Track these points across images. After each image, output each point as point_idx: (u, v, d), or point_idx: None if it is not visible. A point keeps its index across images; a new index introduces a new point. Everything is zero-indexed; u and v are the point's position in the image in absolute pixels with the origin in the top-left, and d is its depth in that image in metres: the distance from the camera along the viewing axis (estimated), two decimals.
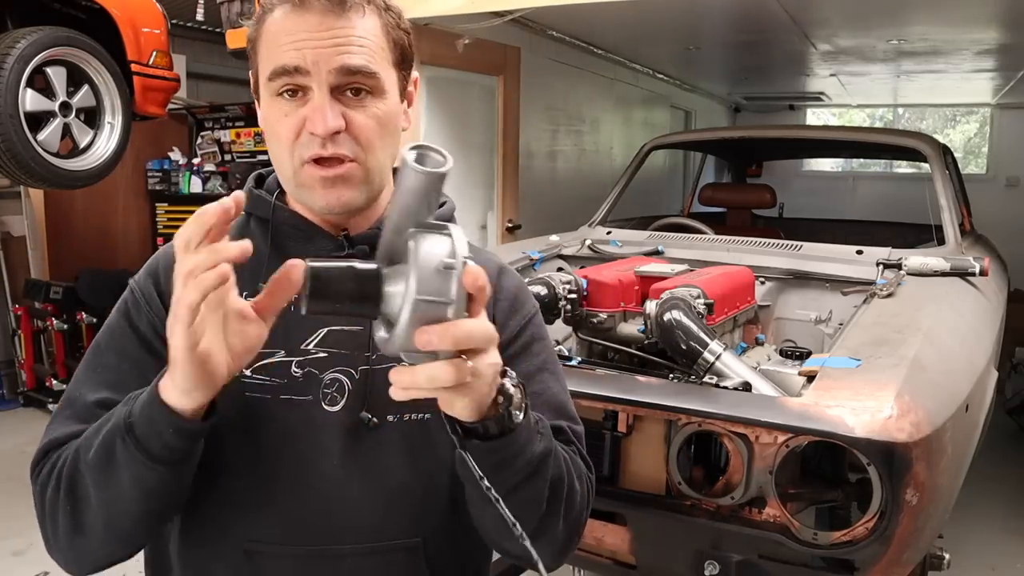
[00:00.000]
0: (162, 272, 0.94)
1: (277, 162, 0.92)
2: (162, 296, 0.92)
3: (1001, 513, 3.58)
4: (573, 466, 0.91)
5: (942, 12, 4.25)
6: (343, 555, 0.90)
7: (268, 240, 0.95)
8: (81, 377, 0.93)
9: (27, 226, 5.39)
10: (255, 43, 0.90)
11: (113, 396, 0.88)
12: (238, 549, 0.89)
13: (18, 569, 3.05)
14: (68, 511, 0.82)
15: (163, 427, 0.75)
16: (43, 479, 0.87)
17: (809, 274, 2.68)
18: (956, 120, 9.64)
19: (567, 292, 2.33)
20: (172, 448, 0.77)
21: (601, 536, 1.82)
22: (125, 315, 0.94)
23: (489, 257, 1.06)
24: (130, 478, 0.78)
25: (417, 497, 0.92)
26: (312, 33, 0.84)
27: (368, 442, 0.91)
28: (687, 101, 8.14)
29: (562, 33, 5.07)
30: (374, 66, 0.87)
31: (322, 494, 0.89)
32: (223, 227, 0.69)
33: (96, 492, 0.80)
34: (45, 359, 5.22)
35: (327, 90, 0.85)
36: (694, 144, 5.36)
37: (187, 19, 4.98)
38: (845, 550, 1.57)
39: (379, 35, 0.88)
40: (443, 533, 0.93)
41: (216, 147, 5.89)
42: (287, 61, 0.84)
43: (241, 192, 0.73)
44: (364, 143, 0.88)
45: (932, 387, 1.69)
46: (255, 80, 0.92)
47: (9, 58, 3.00)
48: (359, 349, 0.92)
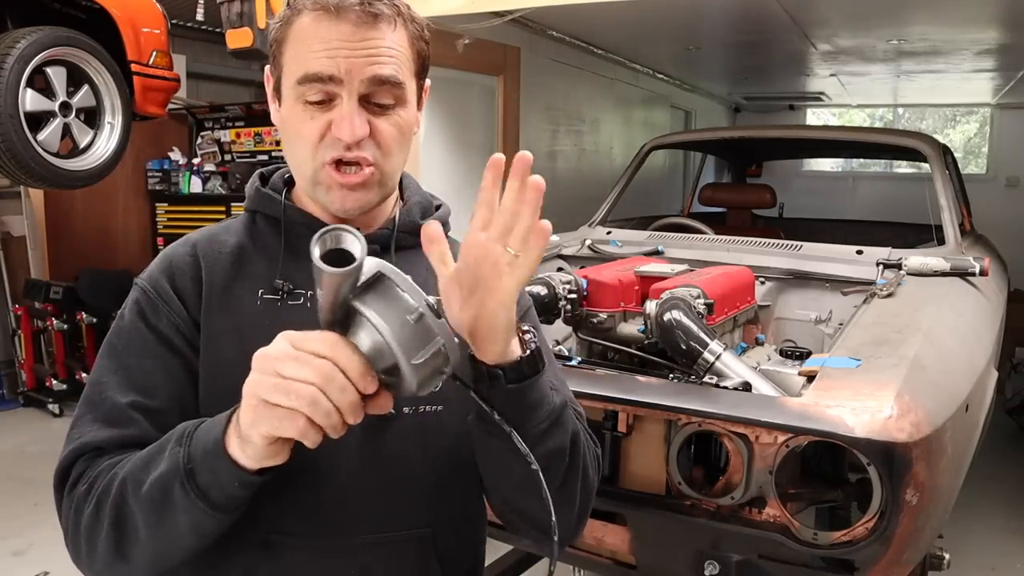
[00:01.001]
0: (177, 271, 0.95)
1: (297, 161, 0.93)
2: (180, 295, 0.93)
3: (1001, 513, 3.58)
4: (584, 431, 0.94)
5: (942, 12, 4.25)
6: (359, 545, 0.92)
7: (281, 238, 0.97)
8: (103, 379, 0.91)
9: (27, 226, 5.39)
10: (281, 44, 0.91)
11: (142, 399, 0.89)
12: (255, 541, 0.90)
13: (18, 569, 3.05)
14: (112, 540, 0.82)
15: (227, 480, 0.77)
16: (79, 498, 0.85)
17: (809, 274, 2.67)
18: (956, 120, 9.64)
19: (567, 292, 2.33)
20: (234, 497, 0.78)
21: (601, 536, 1.82)
22: (141, 316, 0.93)
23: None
24: (188, 522, 0.79)
25: (429, 488, 0.95)
26: (345, 42, 0.86)
27: (384, 434, 0.93)
28: (687, 101, 8.14)
29: (562, 33, 5.07)
30: (401, 77, 0.90)
31: (339, 486, 0.91)
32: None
33: (147, 529, 0.81)
34: (45, 359, 5.22)
35: (356, 98, 0.88)
36: (694, 144, 5.36)
37: (187, 19, 4.98)
38: (845, 550, 1.57)
39: (406, 47, 0.91)
40: (450, 522, 0.96)
41: (216, 147, 5.89)
42: (321, 69, 0.87)
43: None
44: (385, 149, 0.91)
45: (932, 387, 1.69)
46: (276, 79, 0.93)
47: (9, 58, 3.00)
48: None
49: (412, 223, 1.01)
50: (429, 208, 1.07)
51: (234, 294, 0.93)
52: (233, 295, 0.93)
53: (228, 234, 0.99)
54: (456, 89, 4.55)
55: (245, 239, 0.99)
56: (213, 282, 0.94)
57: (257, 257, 0.97)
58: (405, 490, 0.94)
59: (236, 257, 0.96)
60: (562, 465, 0.87)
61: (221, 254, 0.96)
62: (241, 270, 0.96)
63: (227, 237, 0.99)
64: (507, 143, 5.03)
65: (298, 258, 0.95)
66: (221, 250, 0.97)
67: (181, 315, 0.92)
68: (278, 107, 0.95)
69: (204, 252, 0.96)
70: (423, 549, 0.95)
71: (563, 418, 0.86)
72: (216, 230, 1.01)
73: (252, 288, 0.94)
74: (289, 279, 0.94)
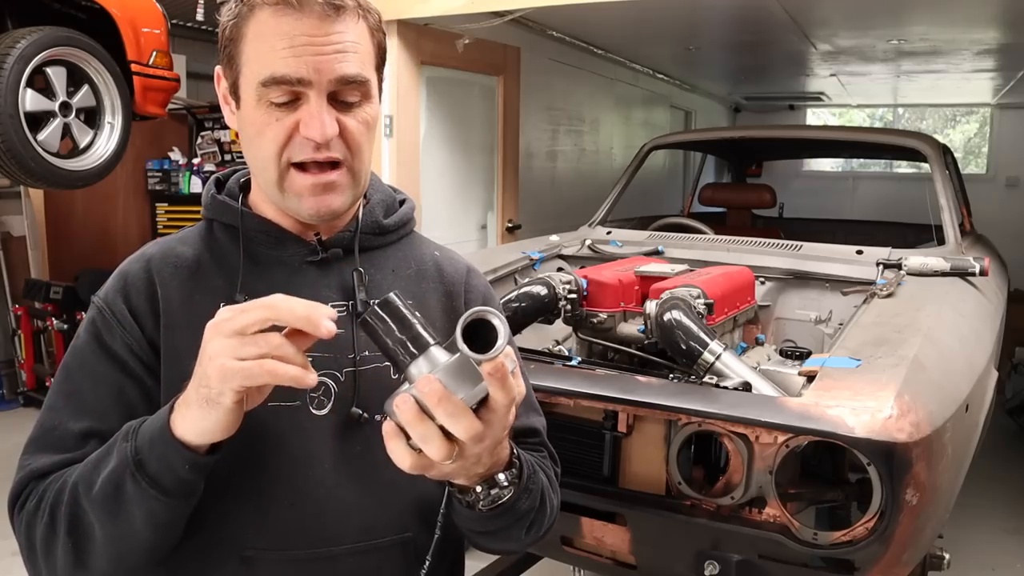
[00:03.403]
0: (132, 289, 0.91)
1: (260, 166, 0.89)
2: (135, 314, 0.90)
3: (1001, 513, 3.58)
4: (548, 483, 0.96)
5: (942, 12, 4.25)
6: (339, 555, 0.90)
7: (240, 247, 0.93)
8: (56, 404, 0.89)
9: (27, 226, 5.39)
10: (236, 42, 0.86)
11: (95, 425, 0.87)
12: (235, 556, 0.88)
13: (18, 569, 3.03)
14: (69, 547, 0.81)
15: (177, 463, 0.77)
16: (28, 514, 0.84)
17: (809, 274, 2.67)
18: (956, 120, 9.64)
19: (567, 292, 2.33)
20: (185, 481, 0.78)
21: (601, 536, 1.82)
22: (95, 337, 0.90)
23: (457, 258, 1.08)
24: (142, 513, 0.79)
25: (407, 494, 0.93)
26: (310, 38, 0.82)
27: (357, 444, 0.92)
28: (687, 101, 8.15)
29: (562, 33, 5.07)
30: (367, 73, 0.87)
31: (316, 498, 0.90)
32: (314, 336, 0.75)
33: (103, 529, 0.80)
34: (45, 359, 5.22)
35: (324, 97, 0.84)
36: (694, 144, 5.36)
37: (187, 19, 4.98)
38: (845, 550, 1.57)
39: (367, 40, 0.88)
40: (429, 525, 0.94)
41: (216, 147, 5.89)
42: (289, 71, 0.82)
43: (334, 313, 0.76)
44: (354, 147, 0.88)
45: (932, 387, 1.69)
46: (232, 79, 0.88)
47: (9, 58, 3.00)
48: (343, 351, 0.92)
49: (375, 223, 0.99)
50: (393, 205, 1.04)
51: (194, 310, 0.89)
52: (193, 311, 0.89)
53: (184, 245, 0.95)
54: (456, 89, 4.55)
55: (202, 250, 0.95)
56: (170, 297, 0.91)
57: (216, 269, 0.93)
58: (382, 498, 0.92)
59: (193, 271, 0.93)
60: (513, 544, 0.94)
61: (178, 268, 0.93)
62: (199, 284, 0.92)
63: (183, 249, 0.95)
64: (507, 143, 5.04)
65: (258, 267, 0.93)
66: (177, 263, 0.93)
67: (135, 335, 0.89)
68: (234, 109, 0.90)
69: (158, 268, 0.92)
70: (405, 553, 0.94)
71: (523, 519, 0.89)
72: (171, 242, 0.97)
73: (213, 302, 0.88)
74: (249, 291, 0.89)
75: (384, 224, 1.01)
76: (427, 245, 1.07)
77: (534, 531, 0.93)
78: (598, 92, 6.25)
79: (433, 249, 1.07)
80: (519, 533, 0.90)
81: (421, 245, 1.06)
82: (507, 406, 0.73)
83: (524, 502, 0.86)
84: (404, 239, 1.04)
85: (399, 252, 1.02)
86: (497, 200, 5.05)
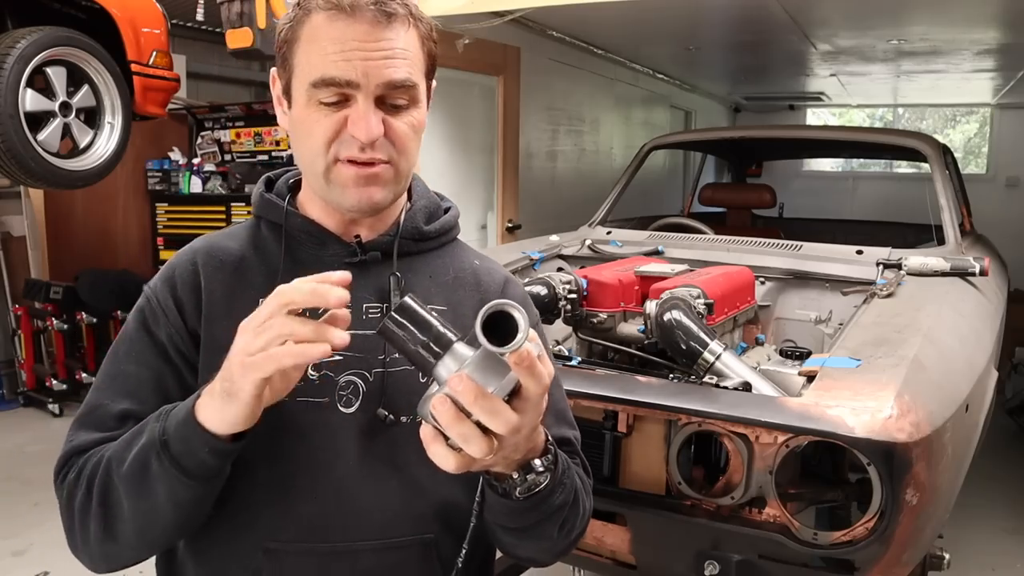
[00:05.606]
0: (179, 281, 0.95)
1: (308, 159, 0.92)
2: (180, 306, 0.94)
3: (1001, 513, 3.58)
4: (582, 486, 0.96)
5: (942, 12, 4.25)
6: (360, 551, 0.92)
7: (282, 245, 0.97)
8: (102, 385, 0.95)
9: (27, 226, 5.39)
10: (291, 44, 0.90)
11: (134, 407, 0.91)
12: (257, 548, 0.90)
13: (18, 569, 3.05)
14: (100, 518, 0.86)
15: (198, 447, 0.80)
16: (70, 485, 0.89)
17: (809, 274, 2.67)
18: (956, 120, 9.64)
19: (567, 292, 2.33)
20: (207, 466, 0.81)
21: (601, 536, 1.81)
22: (143, 324, 0.95)
23: (496, 268, 1.09)
24: (164, 492, 0.82)
25: (431, 495, 0.94)
26: (361, 43, 0.85)
27: (383, 443, 0.93)
28: (687, 101, 8.14)
29: (562, 33, 5.07)
30: (415, 78, 0.90)
31: (339, 494, 0.91)
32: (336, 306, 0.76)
33: (130, 503, 0.84)
34: (45, 359, 5.22)
35: (372, 100, 0.87)
36: (694, 144, 5.36)
37: (187, 19, 4.98)
38: (845, 550, 1.57)
39: (417, 47, 0.91)
40: (455, 528, 0.95)
41: (216, 147, 5.89)
42: (338, 74, 0.86)
43: (347, 275, 0.77)
44: (399, 147, 0.91)
45: (932, 387, 1.68)
46: (286, 79, 0.92)
47: (9, 58, 3.00)
48: (373, 352, 0.94)
49: (415, 229, 1.01)
50: (436, 211, 1.06)
51: (234, 304, 0.93)
52: (233, 305, 0.93)
53: (231, 241, 1.00)
54: (456, 89, 4.55)
55: (247, 246, 0.99)
56: (213, 290, 0.95)
57: (258, 266, 0.97)
58: (405, 498, 0.93)
59: (237, 266, 0.97)
60: (545, 545, 0.93)
61: (223, 263, 0.97)
62: (242, 279, 0.96)
63: (230, 244, 0.99)
64: (507, 143, 5.04)
65: (298, 266, 0.94)
66: (222, 258, 0.97)
67: (177, 325, 0.94)
68: (286, 109, 0.94)
69: (204, 262, 0.97)
70: (427, 554, 0.94)
71: (556, 515, 0.88)
72: (219, 238, 1.01)
73: (254, 298, 0.92)
74: None
75: (425, 230, 1.02)
76: (468, 253, 1.09)
77: (566, 531, 0.92)
78: (598, 92, 6.25)
79: (474, 258, 1.08)
80: (552, 530, 0.89)
81: (462, 253, 1.08)
82: (540, 393, 0.73)
83: (559, 495, 0.86)
84: (446, 246, 1.06)
85: (439, 259, 1.04)
86: (497, 200, 5.05)
